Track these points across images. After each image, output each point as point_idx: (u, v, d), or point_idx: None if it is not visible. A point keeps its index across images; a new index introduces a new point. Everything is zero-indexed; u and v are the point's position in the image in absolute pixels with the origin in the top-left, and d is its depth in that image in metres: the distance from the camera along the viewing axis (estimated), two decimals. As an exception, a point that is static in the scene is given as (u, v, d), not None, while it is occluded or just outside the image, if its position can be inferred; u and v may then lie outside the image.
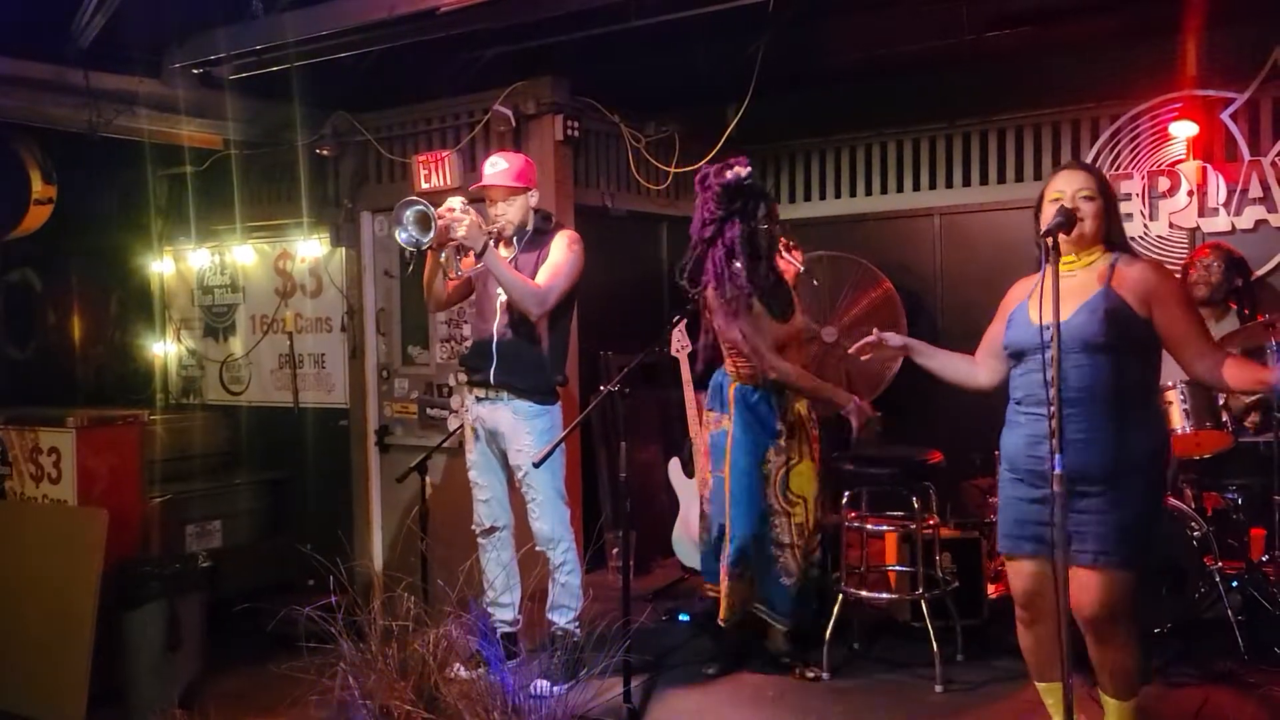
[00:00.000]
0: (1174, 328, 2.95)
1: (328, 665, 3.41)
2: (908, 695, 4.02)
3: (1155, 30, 5.25)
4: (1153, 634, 4.12)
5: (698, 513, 5.09)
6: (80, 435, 4.85)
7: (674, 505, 5.46)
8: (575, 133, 5.48)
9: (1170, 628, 4.17)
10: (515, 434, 4.21)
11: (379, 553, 6.09)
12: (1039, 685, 3.27)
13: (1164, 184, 5.67)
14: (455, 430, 5.04)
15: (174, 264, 7.09)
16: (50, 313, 7.65)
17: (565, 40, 5.01)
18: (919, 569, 4.28)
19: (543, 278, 4.15)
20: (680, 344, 5.18)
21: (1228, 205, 5.52)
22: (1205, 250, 5.07)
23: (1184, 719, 3.66)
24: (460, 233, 4.03)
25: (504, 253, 4.26)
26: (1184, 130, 5.56)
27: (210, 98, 5.52)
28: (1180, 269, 5.07)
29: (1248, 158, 5.46)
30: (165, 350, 7.11)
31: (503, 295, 4.19)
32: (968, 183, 6.32)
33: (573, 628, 4.22)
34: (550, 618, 4.27)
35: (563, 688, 3.67)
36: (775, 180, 6.84)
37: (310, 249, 6.40)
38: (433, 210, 4.00)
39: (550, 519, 4.21)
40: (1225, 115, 5.50)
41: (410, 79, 5.63)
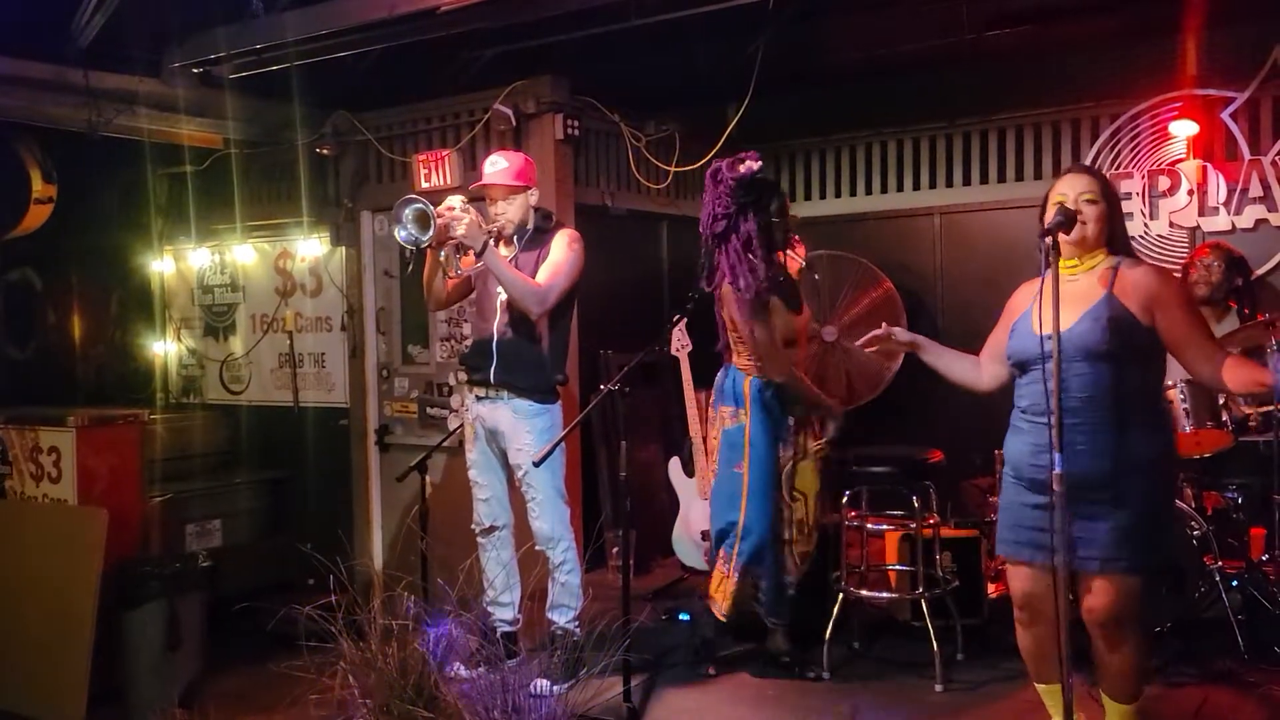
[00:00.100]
0: (1177, 331, 2.95)
1: (328, 664, 3.41)
2: (908, 695, 4.02)
3: (1155, 29, 5.25)
4: (1153, 634, 4.11)
5: (697, 512, 5.10)
6: (80, 435, 4.85)
7: (674, 504, 5.45)
8: (575, 132, 5.48)
9: (1170, 627, 4.17)
10: (515, 433, 4.21)
11: (379, 552, 6.09)
12: (1039, 687, 3.27)
13: (1164, 183, 5.67)
14: (455, 429, 5.04)
15: (174, 263, 7.09)
16: (50, 312, 7.65)
17: (565, 39, 5.02)
18: (919, 568, 4.28)
19: (543, 276, 4.14)
20: (680, 343, 5.18)
21: (1228, 204, 5.52)
22: (1205, 250, 5.07)
23: (1184, 718, 3.66)
24: (459, 231, 4.03)
25: (504, 251, 4.25)
26: (1184, 129, 5.57)
27: (210, 97, 5.52)
28: (1180, 268, 5.07)
29: (1248, 157, 5.46)
30: (165, 350, 7.11)
31: (503, 294, 4.19)
32: (968, 182, 6.33)
33: (572, 627, 4.22)
34: (550, 617, 4.26)
35: (562, 687, 3.66)
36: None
37: (310, 248, 6.40)
38: (432, 209, 4.00)
39: (550, 518, 4.21)
40: (1225, 114, 5.50)
41: (410, 78, 5.63)
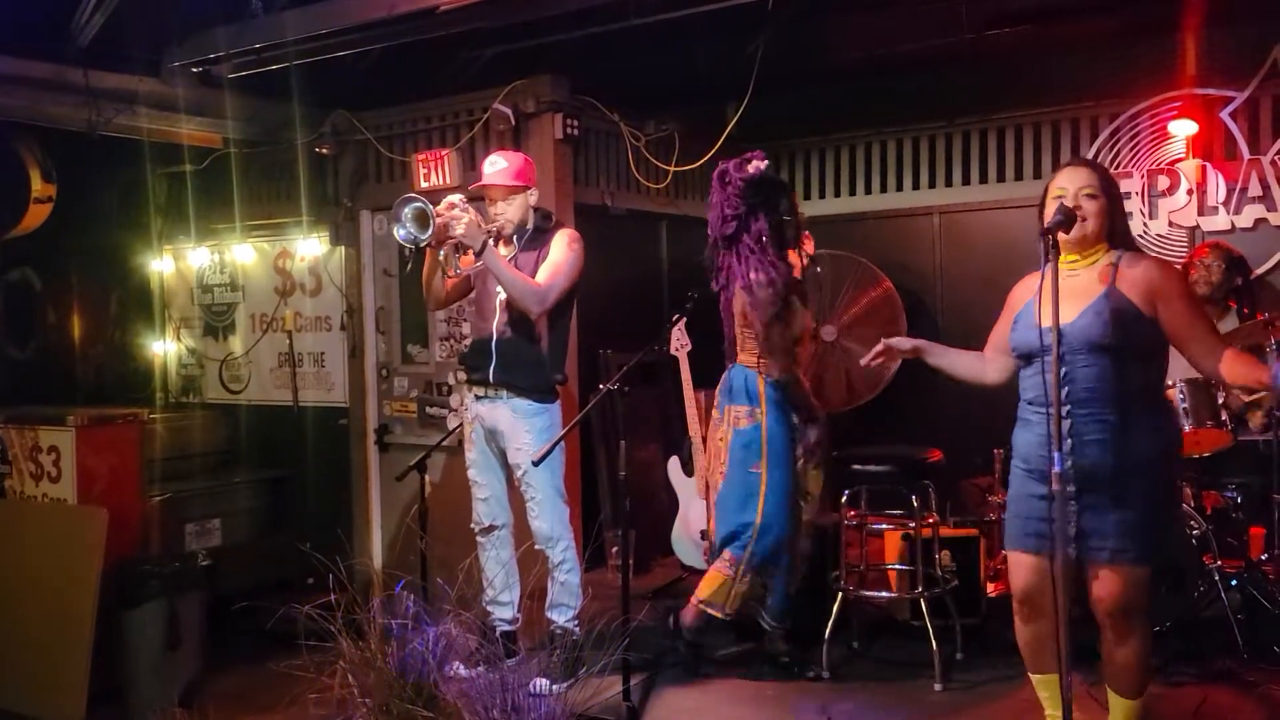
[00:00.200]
0: (1178, 324, 2.95)
1: (327, 664, 3.41)
2: (907, 694, 4.01)
3: (1155, 29, 5.26)
4: (1152, 632, 4.11)
5: (697, 511, 5.09)
6: (80, 434, 4.85)
7: (673, 504, 5.45)
8: (575, 131, 5.48)
9: (1170, 626, 4.16)
10: (514, 432, 4.21)
11: (378, 551, 6.09)
12: (1034, 677, 3.26)
13: (1163, 183, 5.67)
14: (455, 429, 5.04)
15: (174, 263, 7.09)
16: (50, 312, 7.65)
17: (564, 39, 5.02)
18: (918, 568, 4.28)
19: (543, 276, 4.14)
20: (679, 343, 5.18)
21: (1227, 204, 5.53)
22: (1205, 249, 5.07)
23: (1183, 717, 3.66)
24: (459, 231, 4.03)
25: (504, 251, 4.25)
26: (1183, 129, 5.57)
27: (210, 96, 5.52)
28: (1180, 268, 5.07)
29: (1247, 156, 5.47)
30: (165, 349, 7.11)
31: (502, 294, 4.18)
32: (967, 181, 6.33)
33: (572, 626, 4.22)
34: (549, 616, 4.26)
35: (562, 686, 3.66)
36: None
37: (310, 248, 6.40)
38: (431, 208, 4.00)
39: (549, 517, 4.21)
40: (1225, 114, 5.50)
41: (410, 78, 5.63)
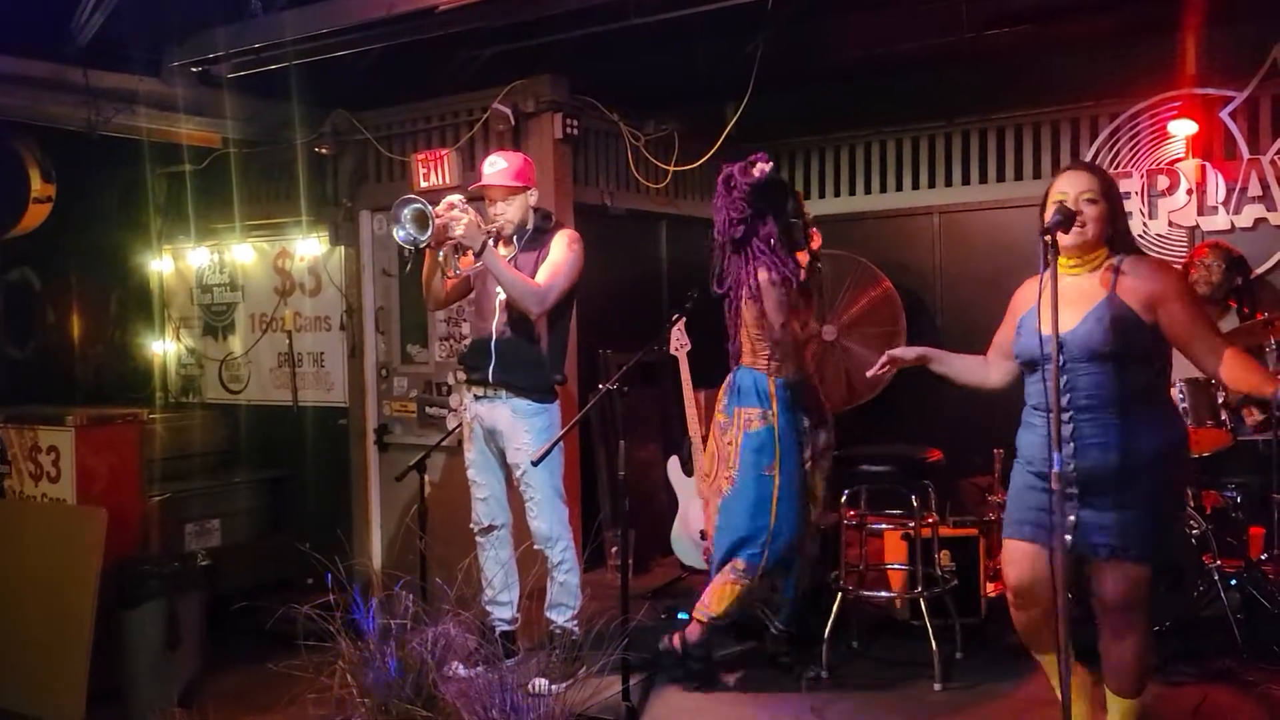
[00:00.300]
0: (1179, 327, 2.94)
1: (326, 664, 3.41)
2: (907, 694, 4.01)
3: (1154, 28, 5.25)
4: (1152, 631, 4.11)
5: (696, 511, 5.09)
6: (79, 434, 4.85)
7: (673, 504, 5.45)
8: (574, 131, 5.48)
9: (1169, 625, 4.17)
10: (514, 432, 4.21)
11: (378, 551, 6.09)
12: (1038, 657, 3.26)
13: (1163, 182, 5.67)
14: (454, 429, 5.04)
15: (173, 263, 7.09)
16: (49, 311, 7.65)
17: (564, 38, 5.01)
18: (918, 567, 4.28)
19: (542, 276, 4.14)
20: (679, 342, 5.17)
21: (1227, 204, 5.53)
22: (1205, 249, 5.07)
23: (1183, 717, 3.66)
24: (458, 231, 4.02)
25: (503, 252, 4.25)
26: (1183, 129, 5.57)
27: (209, 96, 5.52)
28: (1180, 268, 5.06)
29: (1247, 156, 5.46)
30: (164, 349, 7.10)
31: (502, 294, 4.18)
32: (967, 181, 6.33)
33: (571, 626, 4.22)
34: (549, 616, 4.26)
35: (561, 686, 3.66)
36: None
37: (309, 247, 6.40)
38: (430, 209, 4.00)
39: (549, 517, 4.21)
40: (1224, 114, 5.50)
41: (409, 77, 5.63)
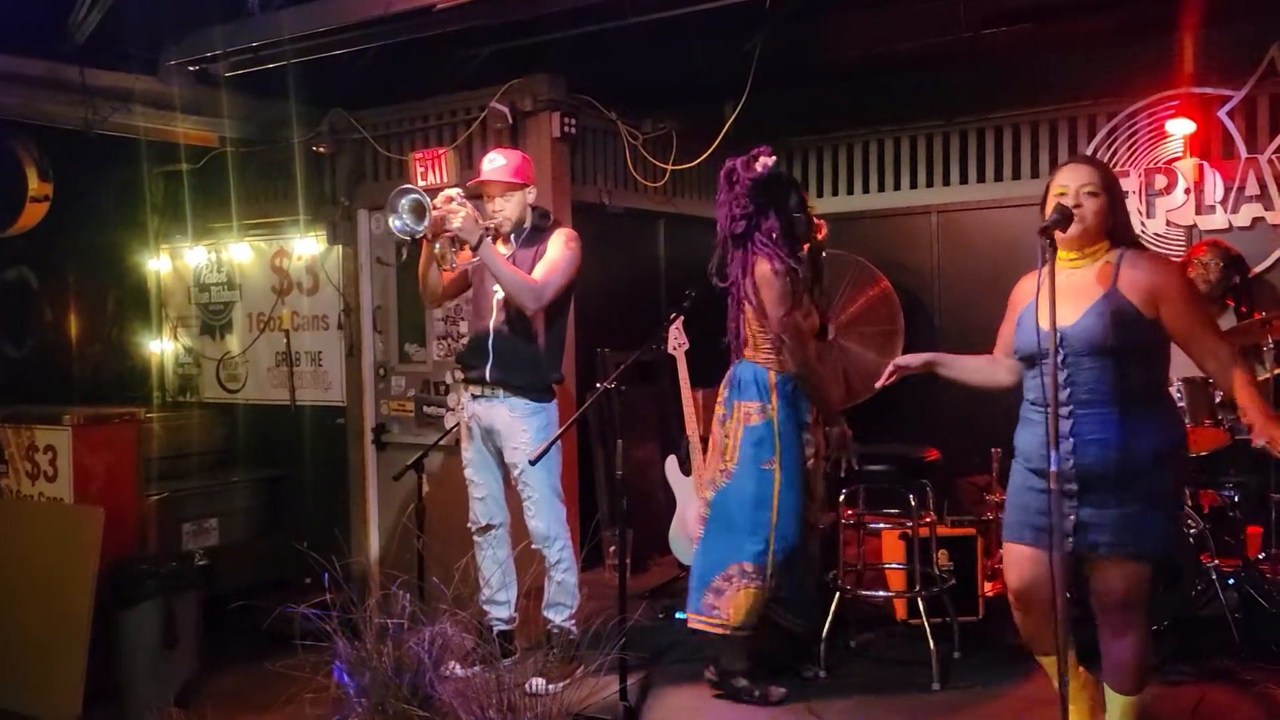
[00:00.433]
0: (1180, 324, 2.94)
1: (323, 663, 3.41)
2: (905, 693, 4.01)
3: (1152, 28, 5.25)
4: (1151, 630, 4.11)
5: (694, 510, 5.07)
6: (76, 433, 4.84)
7: (671, 503, 5.44)
8: (572, 130, 5.48)
9: (1167, 625, 4.16)
10: (511, 432, 4.21)
11: (375, 550, 6.09)
12: (1040, 659, 3.26)
13: (1161, 181, 5.67)
14: (452, 428, 5.03)
15: (171, 262, 7.08)
16: (47, 310, 7.62)
17: (561, 37, 5.01)
18: (916, 566, 4.28)
19: (539, 273, 4.14)
20: (677, 341, 5.17)
21: (1225, 203, 5.53)
22: (1202, 248, 5.07)
23: (1181, 716, 3.66)
24: (455, 224, 4.02)
25: (501, 249, 4.24)
26: (1181, 128, 5.57)
27: (206, 95, 5.52)
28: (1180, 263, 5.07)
29: (1244, 155, 5.47)
30: (162, 348, 7.10)
31: (499, 292, 4.18)
32: (965, 180, 6.33)
33: (569, 625, 4.21)
34: (546, 615, 4.26)
35: (559, 686, 3.66)
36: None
37: (307, 247, 6.39)
38: (428, 199, 3.99)
39: (546, 517, 4.21)
40: (1222, 113, 5.50)
41: (407, 76, 5.62)
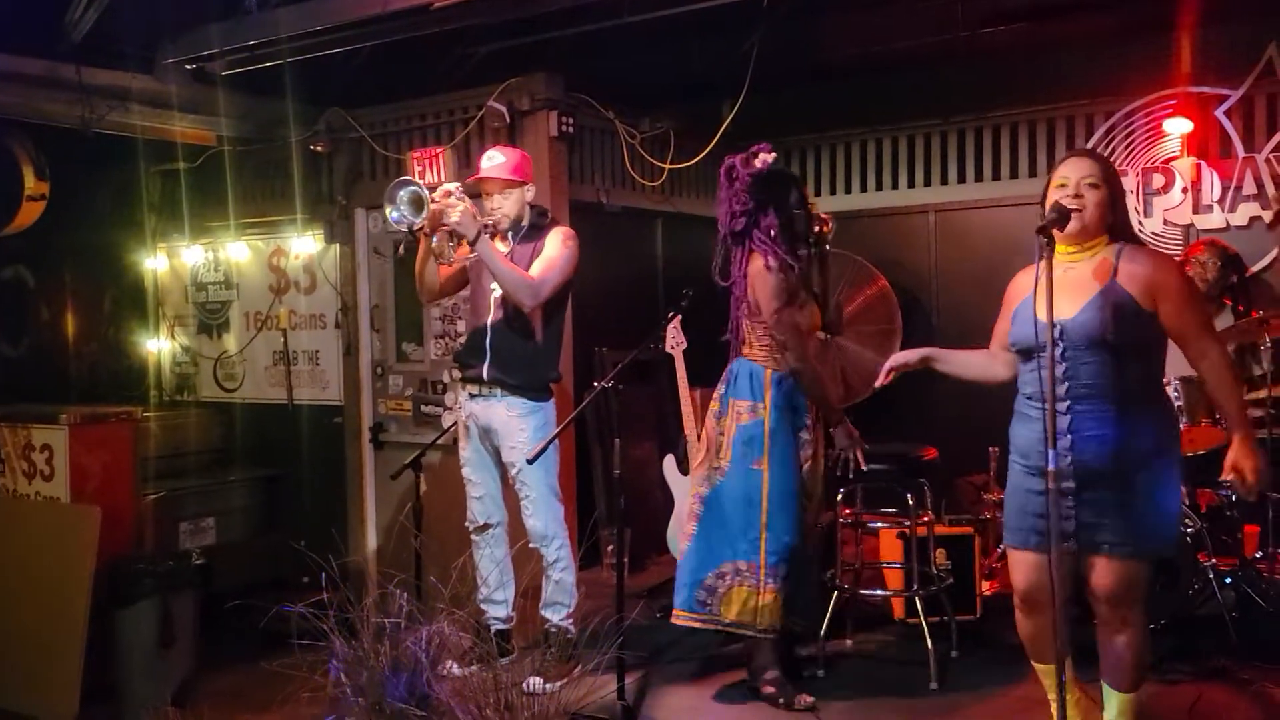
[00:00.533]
0: (1177, 323, 2.95)
1: (321, 662, 3.40)
2: (903, 692, 4.01)
3: (1150, 27, 5.26)
4: (1149, 627, 4.11)
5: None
6: (73, 432, 4.83)
7: (668, 502, 5.44)
8: (570, 129, 5.48)
9: (1164, 624, 4.17)
10: (509, 431, 4.21)
11: (373, 549, 6.08)
12: (1037, 666, 3.26)
13: (1158, 180, 5.68)
14: (449, 427, 5.03)
15: (168, 260, 7.07)
16: (43, 309, 7.61)
17: (559, 36, 5.01)
18: (914, 566, 4.28)
19: (537, 270, 4.14)
20: (675, 340, 5.16)
21: (1222, 202, 5.53)
22: (1200, 247, 5.08)
23: (1178, 715, 3.66)
24: (453, 218, 4.02)
25: (499, 246, 4.24)
26: (1178, 127, 5.58)
27: (203, 93, 5.51)
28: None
29: (1242, 154, 5.47)
30: (159, 347, 7.10)
31: (497, 291, 4.18)
32: (963, 179, 6.34)
33: (567, 625, 4.22)
34: (544, 614, 4.26)
35: (556, 685, 3.65)
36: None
37: (304, 245, 6.38)
38: (426, 192, 3.99)
39: (544, 515, 4.21)
40: (1220, 112, 5.51)
41: (404, 75, 5.62)
